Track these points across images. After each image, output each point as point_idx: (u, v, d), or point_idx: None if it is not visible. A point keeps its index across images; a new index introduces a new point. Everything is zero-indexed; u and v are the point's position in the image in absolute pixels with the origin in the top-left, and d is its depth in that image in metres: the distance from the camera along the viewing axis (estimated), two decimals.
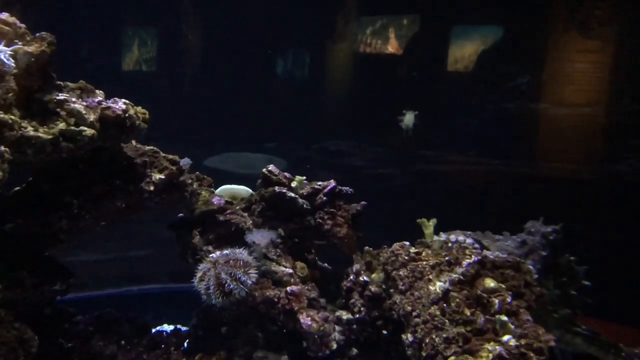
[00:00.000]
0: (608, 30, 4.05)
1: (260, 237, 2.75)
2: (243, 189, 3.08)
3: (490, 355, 1.88)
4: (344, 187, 3.03)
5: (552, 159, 4.41)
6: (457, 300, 2.12)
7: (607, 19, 4.02)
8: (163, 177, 2.60)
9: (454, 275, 2.22)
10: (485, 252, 2.40)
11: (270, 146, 4.97)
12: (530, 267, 2.35)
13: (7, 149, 1.98)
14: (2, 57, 2.04)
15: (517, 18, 4.37)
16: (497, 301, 2.09)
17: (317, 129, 5.08)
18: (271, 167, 3.00)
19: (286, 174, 3.02)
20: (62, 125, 2.22)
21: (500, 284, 2.22)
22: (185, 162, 2.75)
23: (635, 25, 4.07)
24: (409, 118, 2.58)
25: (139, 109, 2.45)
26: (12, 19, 2.19)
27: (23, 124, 2.11)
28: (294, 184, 2.97)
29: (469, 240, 2.57)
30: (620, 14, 4.07)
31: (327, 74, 5.11)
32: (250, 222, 2.87)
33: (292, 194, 2.89)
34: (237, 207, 2.96)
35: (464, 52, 4.55)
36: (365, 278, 2.67)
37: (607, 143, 4.26)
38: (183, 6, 4.78)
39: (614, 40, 4.11)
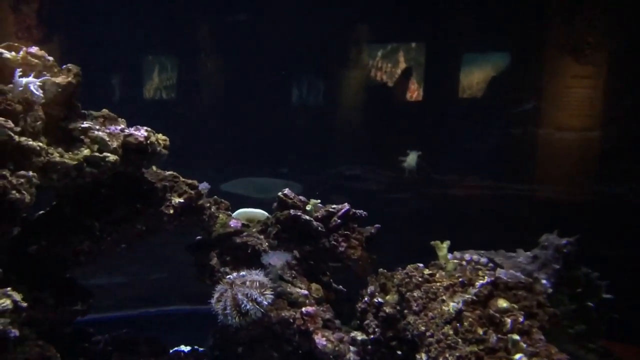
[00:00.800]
0: (600, 55, 4.12)
1: (276, 259, 2.80)
2: (259, 212, 3.15)
3: None
4: (357, 210, 3.08)
5: (554, 182, 4.45)
6: (470, 319, 2.14)
7: (599, 44, 4.09)
8: (182, 200, 2.68)
9: (467, 296, 2.25)
10: (499, 272, 2.43)
11: (285, 170, 5.05)
12: (544, 283, 2.38)
13: (34, 174, 2.09)
14: (32, 87, 2.15)
15: (519, 45, 4.46)
16: (509, 320, 2.11)
17: (330, 154, 5.16)
18: (286, 190, 3.07)
19: (301, 197, 3.08)
20: (86, 152, 2.32)
21: (512, 304, 2.25)
22: (204, 186, 2.83)
23: (626, 49, 4.13)
24: (411, 158, 2.57)
25: (159, 135, 2.55)
26: (42, 52, 2.32)
27: (50, 150, 2.22)
28: (308, 207, 3.03)
29: (482, 260, 2.60)
30: (611, 39, 4.14)
31: (340, 99, 5.21)
32: (266, 244, 2.93)
33: (307, 217, 2.95)
34: (254, 230, 3.03)
35: (470, 78, 4.64)
36: (380, 299, 2.70)
37: (605, 166, 4.31)
38: (201, 35, 4.93)
39: (606, 65, 4.18)
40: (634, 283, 3.45)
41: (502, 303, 2.23)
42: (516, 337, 2.01)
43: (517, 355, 1.95)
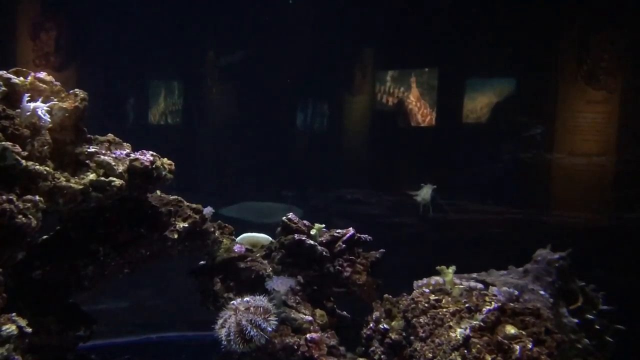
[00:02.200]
0: (614, 80, 4.16)
1: (280, 284, 2.78)
2: (263, 237, 3.14)
3: None
4: (362, 235, 3.07)
5: (565, 207, 4.44)
6: (478, 346, 2.12)
7: (613, 69, 4.13)
8: (187, 225, 2.67)
9: (475, 322, 2.23)
10: (492, 290, 2.42)
11: (288, 195, 5.05)
12: (542, 293, 2.36)
13: (41, 198, 2.09)
14: (39, 112, 2.17)
15: (530, 70, 4.50)
16: (517, 347, 2.09)
17: (333, 178, 5.17)
18: (290, 215, 3.06)
19: (305, 221, 3.08)
20: (92, 176, 2.33)
21: (521, 331, 2.23)
22: (208, 210, 2.83)
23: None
24: (426, 192, 2.53)
25: (165, 160, 2.55)
26: (49, 78, 2.34)
27: (56, 175, 2.22)
28: (313, 232, 3.02)
29: (472, 284, 2.57)
30: (625, 64, 4.18)
31: (343, 124, 5.24)
32: (270, 269, 2.92)
33: (312, 242, 2.94)
34: (258, 255, 3.02)
35: (478, 103, 4.67)
36: (385, 325, 2.68)
37: (618, 191, 4.31)
38: (208, 60, 5.00)
39: (620, 90, 4.21)
40: None
41: (510, 329, 2.21)
42: None
43: None
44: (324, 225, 3.08)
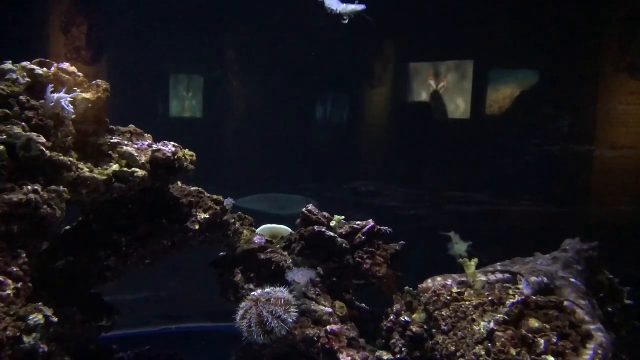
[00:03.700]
0: None
1: (300, 276, 2.77)
2: (283, 228, 3.13)
3: None
4: (382, 227, 3.05)
5: (599, 201, 4.36)
6: (503, 340, 2.10)
7: None
8: (208, 216, 2.68)
9: (499, 316, 2.21)
10: (523, 286, 2.39)
11: (304, 187, 5.05)
12: (573, 281, 2.32)
13: (65, 189, 2.09)
14: (63, 103, 2.17)
15: (566, 61, 4.42)
16: (542, 341, 2.07)
17: (348, 171, 5.16)
18: (311, 206, 3.05)
19: (325, 213, 3.07)
20: (115, 167, 2.33)
21: (544, 325, 2.21)
22: (229, 202, 2.83)
23: None
24: (459, 248, 2.51)
25: (187, 151, 2.55)
26: (72, 69, 2.34)
27: (80, 166, 2.23)
28: (332, 224, 3.01)
29: (497, 276, 2.54)
30: None
31: (361, 117, 5.22)
32: (290, 260, 2.91)
33: (331, 233, 2.93)
34: (278, 246, 3.01)
35: (504, 95, 4.60)
36: (407, 318, 2.67)
37: None
38: (228, 55, 4.99)
39: None
40: None
41: (535, 323, 2.19)
42: (551, 358, 1.97)
43: None
44: (343, 217, 3.06)
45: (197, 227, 2.63)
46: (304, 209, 3.03)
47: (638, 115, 4.19)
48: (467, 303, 2.35)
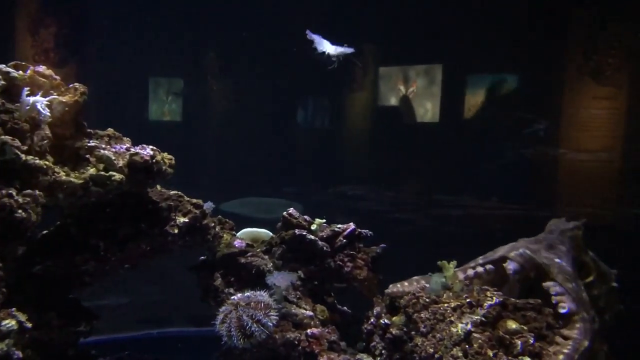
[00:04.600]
0: (621, 76, 4.14)
1: (281, 280, 2.77)
2: (263, 232, 3.13)
3: None
4: (363, 230, 3.06)
5: (570, 204, 4.42)
6: (480, 341, 2.12)
7: (620, 65, 4.10)
8: (187, 220, 2.67)
9: (476, 317, 2.23)
10: (509, 262, 2.36)
11: (288, 190, 5.05)
12: (557, 261, 2.30)
13: (41, 193, 2.08)
14: (39, 106, 2.16)
15: (534, 66, 4.47)
16: (519, 342, 2.09)
17: (333, 174, 5.17)
18: (291, 210, 3.05)
19: (306, 216, 3.06)
20: (92, 171, 2.32)
21: (522, 326, 2.22)
22: (208, 205, 2.82)
23: None
24: (436, 282, 2.51)
25: (165, 154, 2.54)
26: (49, 72, 2.33)
27: (56, 169, 2.21)
28: (313, 227, 3.01)
29: (479, 270, 2.53)
30: (632, 61, 4.16)
31: (344, 121, 5.24)
32: (271, 264, 2.90)
33: (312, 237, 2.93)
34: (258, 250, 3.00)
35: (480, 99, 4.65)
36: (386, 321, 2.67)
37: (624, 187, 4.28)
38: (208, 58, 4.99)
39: (627, 86, 4.18)
40: None
41: (512, 324, 2.20)
42: (527, 359, 1.98)
43: None
44: (324, 220, 3.06)
45: (176, 231, 2.62)
46: (284, 213, 3.04)
47: (601, 120, 4.26)
48: (446, 305, 2.37)
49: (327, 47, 3.01)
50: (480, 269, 2.52)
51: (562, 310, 2.23)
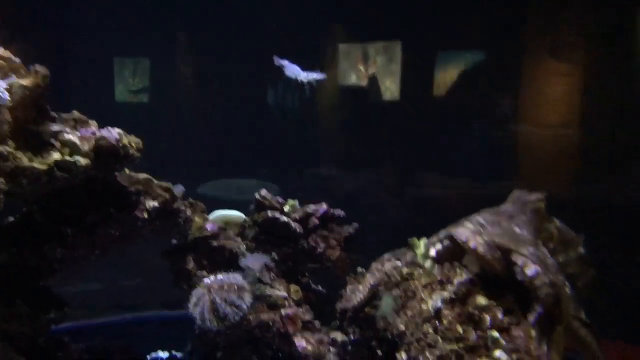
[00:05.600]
0: (579, 53, 4.20)
1: (254, 262, 2.77)
2: (236, 214, 3.11)
3: None
4: (335, 210, 3.07)
5: (535, 180, 4.49)
6: (449, 317, 2.14)
7: (578, 43, 4.16)
8: (157, 204, 2.63)
9: (446, 294, 2.25)
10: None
11: (262, 172, 5.02)
12: (516, 230, 2.30)
13: (2, 180, 2.02)
14: None
15: (498, 43, 4.50)
16: (488, 317, 2.12)
17: (308, 155, 5.15)
18: (263, 192, 3.04)
19: (279, 198, 3.06)
20: (56, 156, 2.26)
21: (491, 301, 2.25)
22: (179, 189, 2.79)
23: (602, 48, 4.22)
24: (385, 304, 2.47)
25: (132, 138, 2.49)
26: (7, 54, 2.25)
27: (18, 155, 2.15)
28: (286, 208, 3.01)
29: (438, 247, 2.50)
30: (589, 39, 4.22)
31: (317, 100, 5.20)
32: (244, 246, 2.90)
33: (285, 218, 2.93)
34: (231, 232, 2.99)
35: (447, 78, 4.67)
36: (359, 299, 2.69)
37: (584, 163, 4.38)
38: (177, 38, 4.89)
39: (584, 64, 4.25)
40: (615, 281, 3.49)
41: (481, 300, 2.23)
42: (495, 334, 2.02)
43: (497, 352, 1.95)
44: (297, 202, 3.07)
45: (145, 215, 2.59)
46: (256, 195, 3.02)
47: (560, 95, 4.33)
48: (417, 282, 2.39)
49: (298, 73, 2.99)
50: (439, 246, 2.49)
51: (528, 272, 2.22)
